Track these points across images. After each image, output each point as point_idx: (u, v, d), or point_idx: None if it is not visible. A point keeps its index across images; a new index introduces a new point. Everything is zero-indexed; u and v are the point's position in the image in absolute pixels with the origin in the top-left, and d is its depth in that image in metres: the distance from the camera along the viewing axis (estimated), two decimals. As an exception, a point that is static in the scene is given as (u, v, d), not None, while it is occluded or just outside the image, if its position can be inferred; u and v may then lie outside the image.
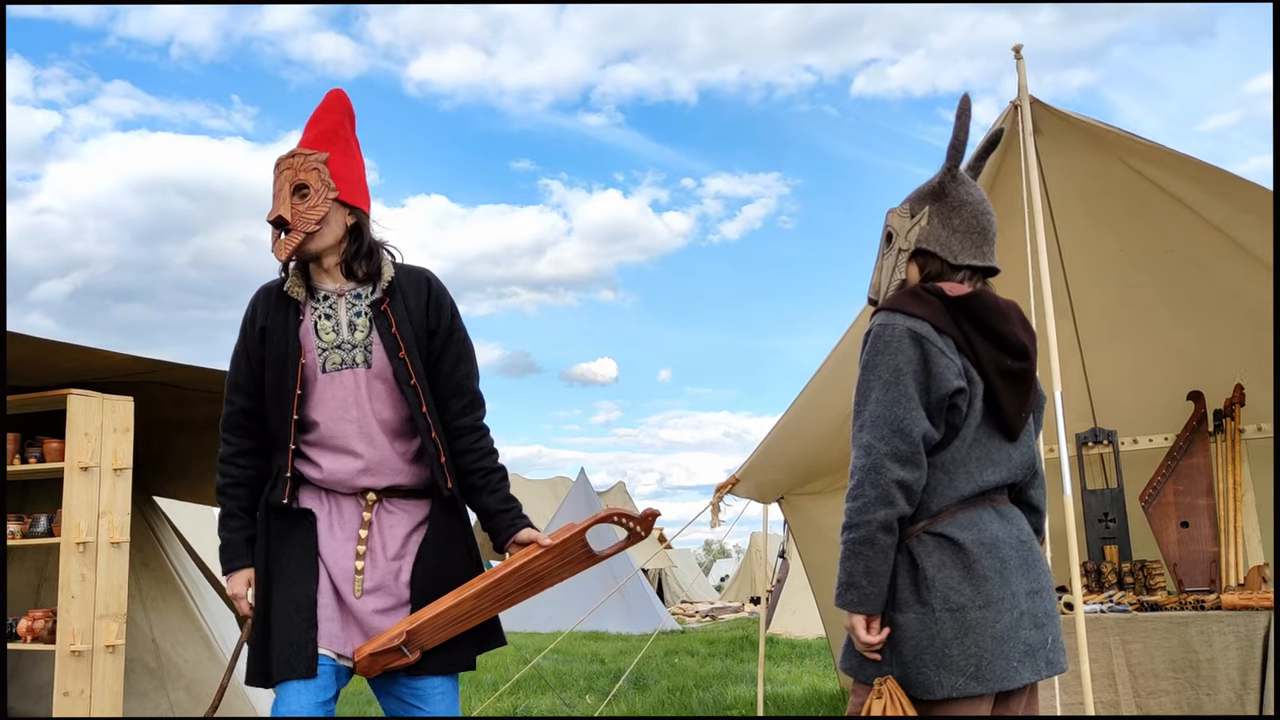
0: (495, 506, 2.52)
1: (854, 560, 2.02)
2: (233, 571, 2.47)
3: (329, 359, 2.44)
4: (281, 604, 2.36)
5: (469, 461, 2.52)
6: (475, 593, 2.41)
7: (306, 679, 2.30)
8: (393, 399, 2.47)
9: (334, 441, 2.44)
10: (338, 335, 2.45)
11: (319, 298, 2.48)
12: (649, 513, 2.51)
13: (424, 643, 2.38)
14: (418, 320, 2.51)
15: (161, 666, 5.12)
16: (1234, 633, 3.82)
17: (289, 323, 2.46)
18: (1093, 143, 4.20)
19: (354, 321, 2.47)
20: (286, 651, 2.31)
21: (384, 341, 2.46)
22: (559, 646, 11.31)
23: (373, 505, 2.46)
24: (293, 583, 2.37)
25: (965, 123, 2.24)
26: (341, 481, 2.45)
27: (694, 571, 28.77)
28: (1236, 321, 4.61)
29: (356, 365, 2.44)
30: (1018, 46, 4.15)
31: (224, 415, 2.52)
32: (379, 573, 2.43)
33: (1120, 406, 5.21)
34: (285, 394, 2.43)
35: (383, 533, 2.46)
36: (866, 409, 2.05)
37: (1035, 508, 2.26)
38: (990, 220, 2.24)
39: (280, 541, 2.43)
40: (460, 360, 2.56)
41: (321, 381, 2.44)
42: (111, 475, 3.80)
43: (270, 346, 2.46)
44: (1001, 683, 1.99)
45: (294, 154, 2.47)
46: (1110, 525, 4.66)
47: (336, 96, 2.58)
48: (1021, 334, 2.17)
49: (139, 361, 3.95)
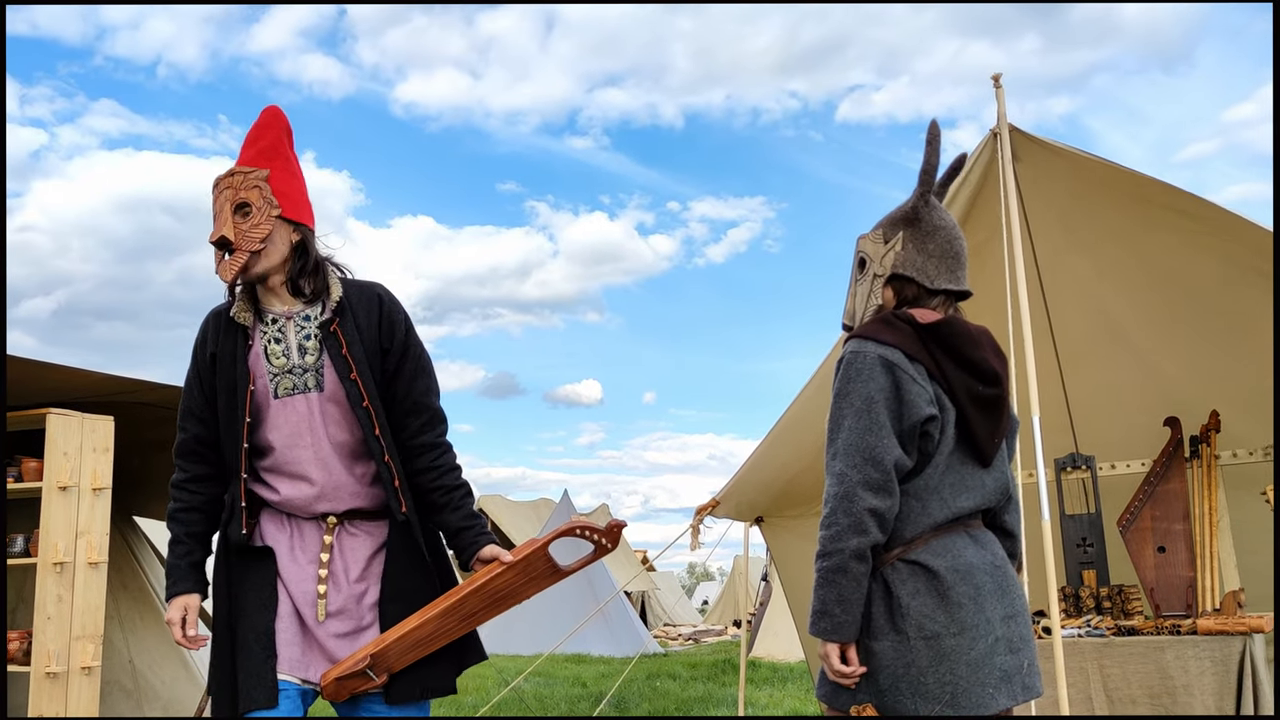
0: (457, 524, 2.47)
1: (827, 588, 2.03)
2: (172, 597, 2.40)
3: (280, 384, 2.38)
4: (243, 635, 2.33)
5: (429, 480, 2.46)
6: (439, 613, 2.36)
7: (267, 709, 2.27)
8: (347, 422, 2.41)
9: (289, 468, 2.39)
10: (288, 360, 2.39)
11: (267, 321, 2.42)
12: (614, 524, 2.46)
13: (391, 665, 2.34)
14: (370, 339, 2.45)
15: (138, 688, 5.08)
16: (1210, 658, 3.84)
17: (237, 348, 2.40)
18: (1071, 170, 4.25)
19: (304, 344, 2.41)
20: (248, 683, 2.28)
21: (335, 364, 2.39)
22: (540, 669, 11.25)
23: (333, 528, 2.42)
24: (252, 613, 2.34)
25: (936, 148, 2.27)
26: (299, 507, 2.41)
27: (677, 594, 28.69)
28: (1213, 347, 4.66)
29: (309, 390, 2.39)
30: (997, 75, 4.22)
31: (177, 442, 2.47)
32: (341, 596, 2.38)
33: (1099, 431, 5.25)
34: (236, 421, 2.38)
35: (344, 556, 2.42)
36: (839, 437, 2.06)
37: (1010, 532, 2.27)
38: (962, 245, 2.26)
39: (242, 574, 2.39)
40: (417, 377, 2.49)
41: (274, 407, 2.38)
42: (90, 495, 3.78)
43: (221, 373, 2.41)
44: (977, 709, 2.00)
45: (233, 172, 2.41)
46: (1088, 550, 4.69)
47: (273, 113, 2.53)
48: (993, 360, 2.18)
49: (119, 381, 3.94)
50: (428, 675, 2.41)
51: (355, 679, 2.33)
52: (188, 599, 2.39)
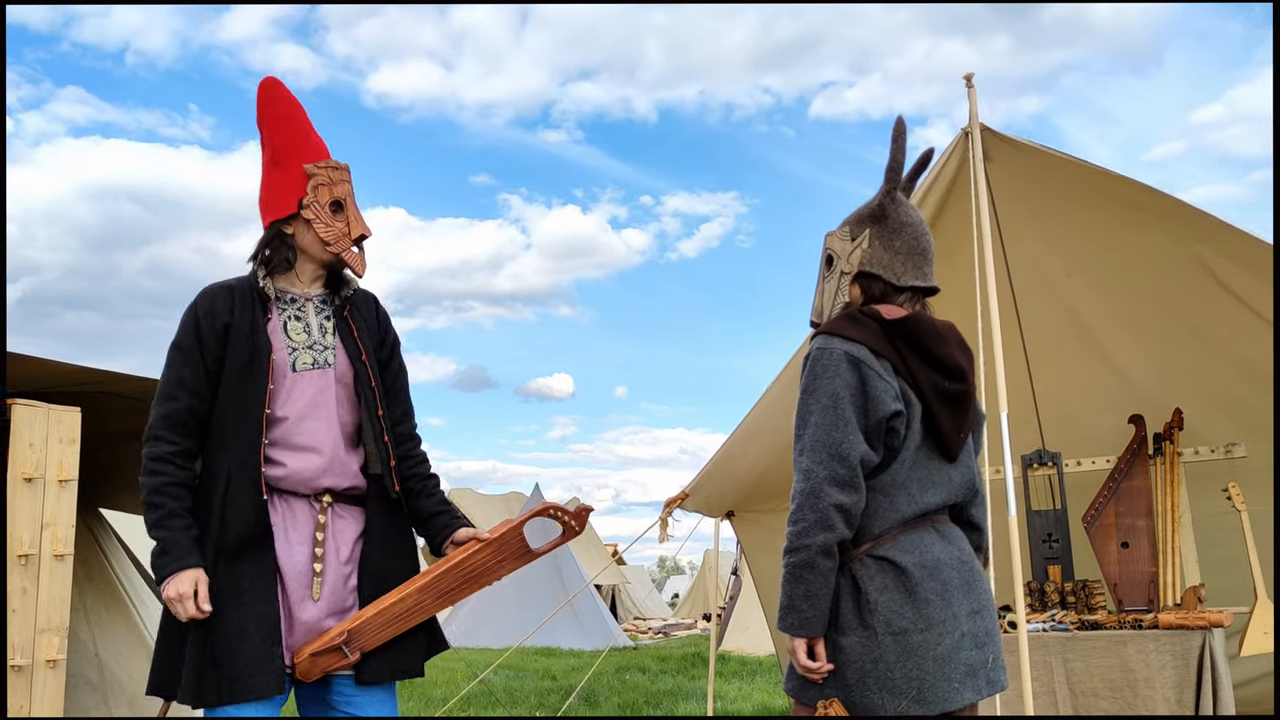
0: (432, 509, 2.59)
1: (794, 584, 2.04)
2: (179, 570, 2.28)
3: (299, 358, 2.46)
4: (238, 621, 2.30)
5: (406, 468, 2.59)
6: (417, 589, 2.41)
7: (278, 694, 2.30)
8: (350, 403, 2.52)
9: (298, 439, 2.43)
10: (309, 336, 2.49)
11: (285, 300, 2.51)
12: (582, 508, 2.59)
13: (365, 643, 2.36)
14: (371, 330, 2.61)
15: (104, 681, 5.03)
16: (1170, 652, 3.91)
17: (257, 320, 2.45)
18: (1042, 169, 4.29)
19: (323, 324, 2.52)
20: (248, 669, 2.26)
21: (346, 346, 2.52)
22: (510, 662, 11.24)
23: (326, 508, 2.46)
24: (250, 602, 2.32)
25: (902, 144, 2.28)
26: (304, 481, 2.43)
27: (647, 588, 28.73)
28: (1178, 346, 4.72)
29: (324, 366, 2.48)
30: (969, 75, 4.25)
31: (163, 414, 2.39)
32: (331, 577, 2.42)
33: (1065, 429, 5.32)
34: (254, 390, 2.39)
35: (336, 537, 2.46)
36: (806, 433, 2.08)
37: (976, 526, 2.29)
38: (929, 241, 2.28)
39: (235, 559, 2.35)
40: (401, 371, 2.67)
41: (290, 379, 2.44)
42: (56, 487, 3.74)
43: (235, 344, 2.41)
44: (944, 704, 2.02)
45: (344, 168, 2.53)
46: (1054, 545, 4.75)
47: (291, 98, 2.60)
48: (959, 356, 2.20)
49: (87, 372, 3.90)
50: (397, 657, 2.45)
51: (330, 655, 2.34)
52: (197, 573, 2.29)
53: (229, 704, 2.27)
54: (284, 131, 2.54)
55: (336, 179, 2.50)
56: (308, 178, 2.48)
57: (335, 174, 2.51)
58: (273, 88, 2.57)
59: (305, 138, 2.54)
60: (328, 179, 2.49)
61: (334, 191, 2.49)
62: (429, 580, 2.43)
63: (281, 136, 2.53)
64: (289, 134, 2.54)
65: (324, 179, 2.49)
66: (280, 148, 2.53)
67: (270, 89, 2.56)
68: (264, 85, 2.57)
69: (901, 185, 2.33)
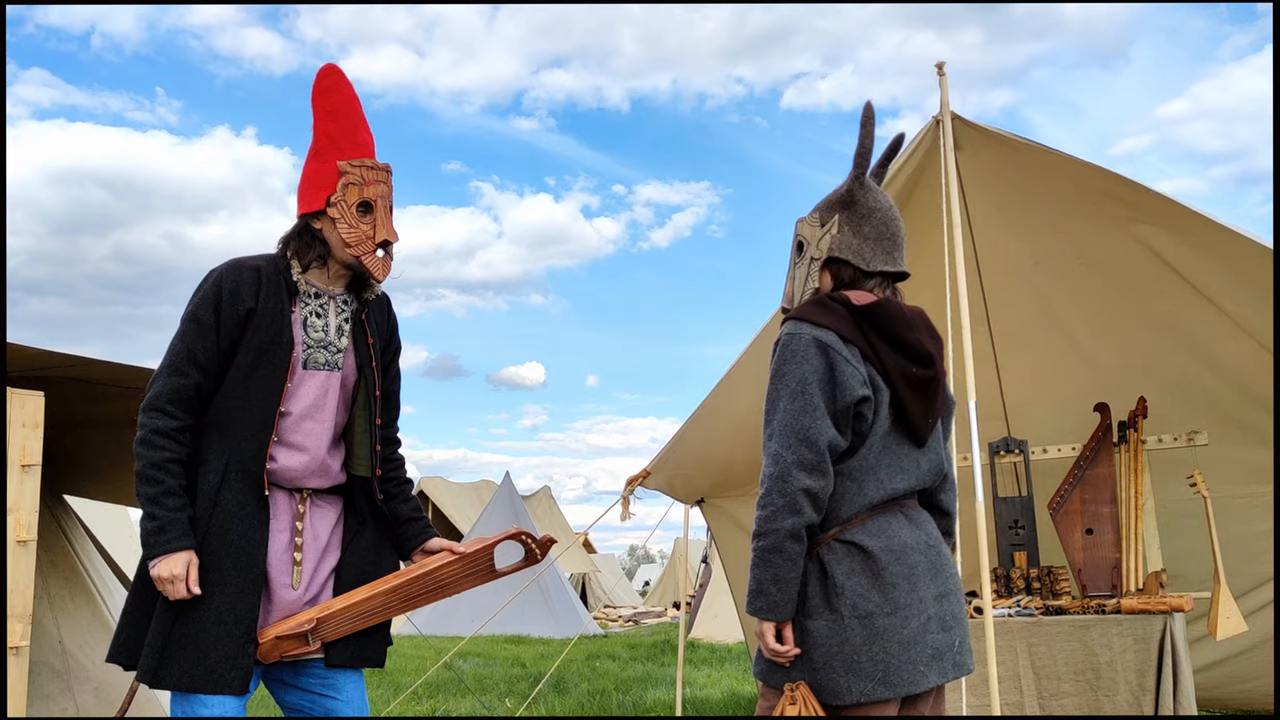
0: (407, 514, 2.62)
1: (763, 568, 2.06)
2: (172, 551, 2.24)
3: (312, 356, 2.45)
4: (217, 610, 2.28)
5: (388, 470, 2.61)
6: (385, 590, 2.44)
7: (239, 694, 2.28)
8: (344, 406, 2.53)
9: (293, 438, 2.42)
10: (325, 335, 2.48)
11: (310, 295, 2.48)
12: (547, 538, 2.68)
13: (327, 634, 2.38)
14: (382, 334, 2.61)
15: (68, 669, 4.98)
16: (1132, 635, 3.96)
17: (284, 310, 2.42)
18: (1011, 157, 4.32)
19: (341, 326, 2.51)
20: (222, 664, 2.25)
21: (358, 351, 2.52)
22: (480, 650, 11.24)
23: (305, 499, 2.47)
24: (233, 591, 2.30)
25: (870, 130, 2.29)
26: (289, 479, 2.43)
27: (617, 576, 28.79)
28: (1143, 335, 4.78)
29: (333, 369, 2.48)
30: (940, 63, 4.26)
31: (172, 387, 2.33)
32: (309, 566, 2.44)
33: (1031, 416, 5.37)
34: (270, 384, 2.37)
35: (314, 525, 2.48)
36: (775, 418, 2.09)
37: (945, 511, 2.31)
38: (898, 226, 2.29)
39: (223, 545, 2.32)
40: (397, 376, 2.68)
41: (299, 376, 2.43)
42: (19, 471, 3.69)
43: (256, 329, 2.37)
44: (909, 687, 2.04)
45: (382, 169, 2.48)
46: (1020, 532, 4.80)
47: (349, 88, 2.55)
48: (927, 341, 2.21)
49: (50, 356, 3.85)
50: (364, 646, 2.47)
51: (292, 641, 2.35)
52: (190, 555, 2.26)
53: (195, 691, 2.24)
54: (330, 122, 2.49)
55: (370, 179, 2.45)
56: (340, 175, 2.44)
57: (370, 174, 2.45)
58: (329, 76, 2.50)
59: (351, 133, 2.49)
60: (360, 179, 2.44)
61: (364, 192, 2.44)
62: (398, 584, 2.46)
63: (326, 128, 2.48)
64: (334, 127, 2.48)
65: (356, 179, 2.43)
66: (323, 139, 2.48)
67: (327, 77, 2.50)
68: (322, 73, 2.51)
69: (873, 171, 2.34)
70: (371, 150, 2.51)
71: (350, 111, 2.50)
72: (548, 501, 22.96)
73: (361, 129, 2.51)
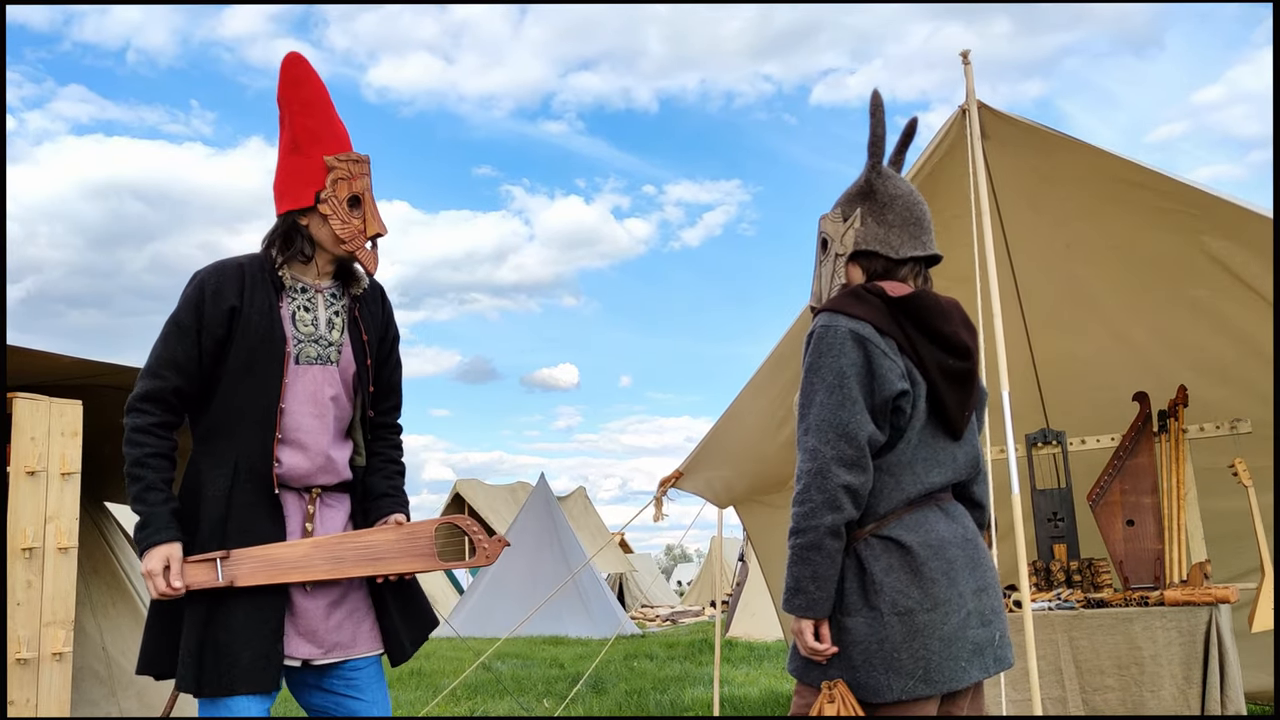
0: (384, 489, 2.56)
1: (801, 566, 2.02)
2: (156, 545, 2.24)
3: (303, 351, 2.42)
4: (245, 611, 2.28)
5: (384, 448, 2.61)
6: (309, 543, 2.38)
7: (271, 693, 2.29)
8: (345, 399, 2.50)
9: (295, 435, 2.40)
10: (315, 330, 2.44)
11: (297, 289, 2.45)
12: (500, 539, 2.60)
13: (238, 575, 2.28)
14: (378, 326, 2.58)
15: (112, 675, 5.05)
16: (1176, 628, 3.89)
17: (272, 307, 2.40)
18: (1039, 146, 4.27)
19: (332, 319, 2.48)
20: (256, 664, 2.25)
21: (354, 345, 2.49)
22: (518, 651, 11.26)
23: (315, 499, 2.45)
24: (257, 592, 2.30)
25: (880, 118, 2.25)
26: (298, 478, 2.41)
27: (654, 575, 28.79)
28: (1181, 322, 4.71)
29: (327, 363, 2.45)
30: (965, 52, 4.22)
31: (146, 389, 2.34)
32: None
33: (1069, 408, 5.30)
34: (267, 381, 2.36)
35: (324, 525, 2.46)
36: (811, 412, 2.04)
37: (979, 503, 2.28)
38: (923, 209, 2.25)
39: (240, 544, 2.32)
40: (398, 365, 2.66)
41: (293, 373, 2.40)
42: (59, 480, 3.75)
43: (244, 328, 2.35)
44: (950, 684, 2.01)
45: (364, 161, 2.46)
46: (1059, 524, 4.74)
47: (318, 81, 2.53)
48: (963, 333, 2.17)
49: (86, 365, 3.90)
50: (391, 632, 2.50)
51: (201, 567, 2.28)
52: (170, 548, 2.25)
53: (234, 694, 2.25)
54: (307, 116, 2.45)
55: (356, 173, 2.43)
56: (327, 170, 2.41)
57: (355, 168, 2.43)
58: (296, 66, 2.46)
59: (328, 124, 2.46)
60: (347, 173, 2.42)
61: (353, 186, 2.42)
62: (325, 540, 2.39)
63: (304, 121, 2.44)
64: (312, 120, 2.45)
65: (344, 173, 2.41)
66: (301, 133, 2.44)
67: (294, 67, 2.46)
68: (287, 62, 2.46)
69: (890, 160, 2.31)
70: (350, 143, 2.48)
71: (324, 103, 2.47)
72: (583, 502, 23.01)
73: (336, 120, 2.48)
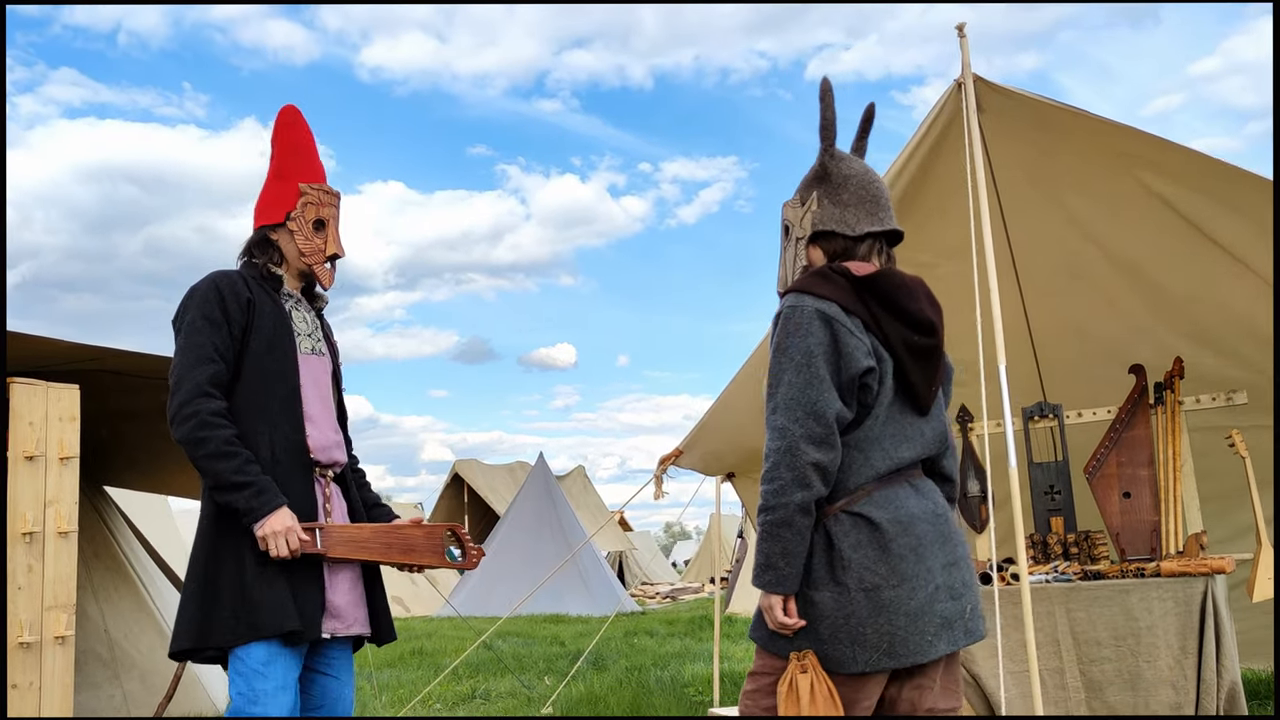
0: (374, 500, 2.93)
1: (771, 542, 2.06)
2: (276, 508, 2.48)
3: (303, 342, 2.75)
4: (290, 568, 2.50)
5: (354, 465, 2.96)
6: (373, 528, 2.72)
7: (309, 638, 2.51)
8: (337, 389, 2.87)
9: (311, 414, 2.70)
10: (305, 325, 2.79)
11: (284, 292, 2.79)
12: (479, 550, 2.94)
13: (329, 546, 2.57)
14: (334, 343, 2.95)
15: (115, 657, 5.08)
16: (1173, 598, 3.92)
17: (276, 301, 2.72)
18: (1035, 118, 4.25)
19: (309, 319, 2.83)
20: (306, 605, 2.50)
21: (328, 343, 2.89)
22: (519, 630, 11.32)
23: (329, 482, 2.72)
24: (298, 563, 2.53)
25: (829, 103, 2.31)
26: (318, 450, 2.68)
27: (653, 552, 28.91)
28: (1177, 293, 4.70)
29: (321, 354, 2.80)
30: (961, 25, 4.19)
31: (209, 374, 2.53)
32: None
33: (1065, 381, 5.31)
34: (285, 364, 2.65)
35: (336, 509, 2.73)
36: (779, 391, 2.09)
37: (948, 477, 2.32)
38: (879, 187, 2.29)
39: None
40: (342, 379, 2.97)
41: (300, 359, 2.72)
42: (58, 464, 3.75)
43: (261, 316, 2.64)
44: (915, 657, 2.06)
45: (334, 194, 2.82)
46: (1056, 497, 4.76)
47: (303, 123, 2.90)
48: (928, 310, 2.21)
49: (84, 349, 3.90)
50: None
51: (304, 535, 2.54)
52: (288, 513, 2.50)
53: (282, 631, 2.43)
54: (292, 154, 2.84)
55: (325, 201, 2.79)
56: (300, 195, 2.77)
57: (325, 197, 2.80)
58: (290, 114, 2.87)
59: (309, 162, 2.85)
60: (317, 200, 2.78)
61: (320, 211, 2.78)
62: (379, 527, 2.74)
63: (289, 157, 2.83)
64: (296, 157, 2.84)
65: (314, 199, 2.78)
66: (285, 165, 2.82)
67: (288, 114, 2.87)
68: (284, 112, 2.88)
69: (852, 146, 2.39)
70: (325, 179, 2.87)
71: (309, 146, 2.88)
72: (582, 481, 23.08)
73: (317, 161, 2.87)
